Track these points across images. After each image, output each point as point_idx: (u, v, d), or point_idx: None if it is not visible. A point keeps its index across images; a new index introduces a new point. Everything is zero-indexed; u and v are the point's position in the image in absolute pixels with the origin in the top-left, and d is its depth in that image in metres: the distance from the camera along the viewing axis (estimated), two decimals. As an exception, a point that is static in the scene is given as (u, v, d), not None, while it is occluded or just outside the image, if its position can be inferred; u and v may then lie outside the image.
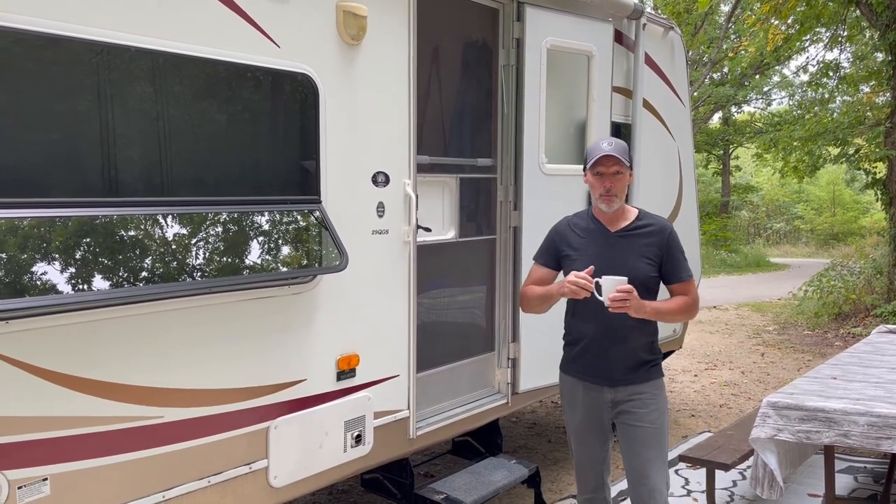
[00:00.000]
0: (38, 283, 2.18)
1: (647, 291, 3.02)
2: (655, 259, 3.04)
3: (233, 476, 2.85)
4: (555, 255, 3.18)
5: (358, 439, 3.31)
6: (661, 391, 3.11)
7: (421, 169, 3.69)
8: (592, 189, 3.09)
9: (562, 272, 3.16)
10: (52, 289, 2.20)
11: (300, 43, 2.99)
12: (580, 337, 3.11)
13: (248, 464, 2.91)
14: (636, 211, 3.15)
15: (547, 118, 4.23)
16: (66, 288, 2.23)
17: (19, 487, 2.26)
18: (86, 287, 2.28)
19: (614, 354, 3.04)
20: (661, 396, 3.10)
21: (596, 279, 2.87)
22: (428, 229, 3.81)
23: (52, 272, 2.21)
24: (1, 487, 2.21)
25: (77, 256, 2.29)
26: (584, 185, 3.21)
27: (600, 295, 2.86)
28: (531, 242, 4.14)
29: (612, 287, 2.84)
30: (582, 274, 2.87)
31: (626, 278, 2.87)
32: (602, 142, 3.05)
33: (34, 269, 2.18)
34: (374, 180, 3.36)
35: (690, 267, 3.16)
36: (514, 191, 4.19)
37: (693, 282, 3.15)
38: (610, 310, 2.86)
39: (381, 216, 3.40)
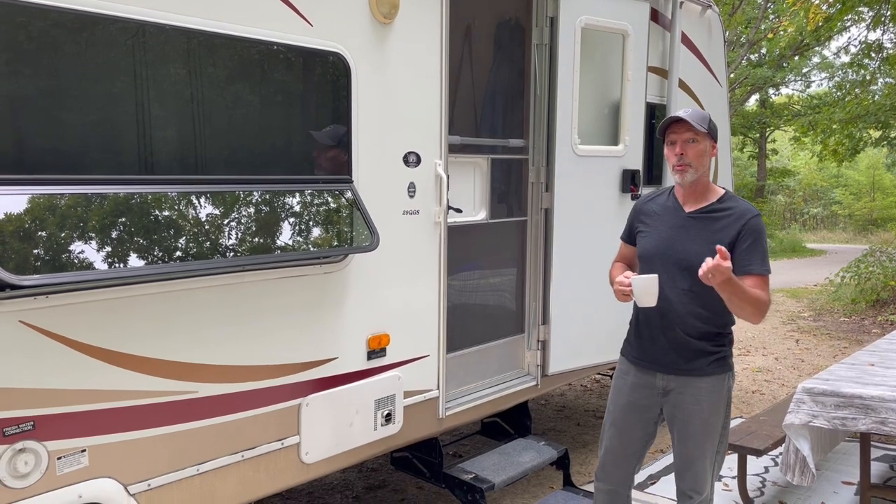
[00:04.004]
0: (76, 258, 2.21)
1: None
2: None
3: (265, 451, 2.90)
4: (632, 231, 3.07)
5: (388, 418, 3.34)
6: (721, 386, 2.82)
7: (452, 149, 3.68)
8: (668, 161, 2.87)
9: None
10: (89, 264, 2.23)
11: (333, 21, 2.98)
12: (636, 319, 3.00)
13: (281, 440, 2.94)
14: (721, 191, 2.86)
15: (580, 98, 4.17)
16: (102, 264, 2.26)
17: (58, 458, 2.32)
18: (122, 263, 2.31)
19: (665, 340, 2.86)
20: (720, 394, 2.82)
21: (631, 278, 2.74)
22: (459, 210, 3.79)
23: (89, 248, 2.25)
24: (41, 458, 2.27)
25: (113, 233, 2.32)
26: (618, 166, 3.15)
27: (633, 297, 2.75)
28: (563, 224, 4.12)
29: (642, 288, 2.70)
30: (626, 280, 2.75)
31: (656, 276, 2.69)
32: (679, 110, 2.82)
33: (72, 244, 2.22)
34: (406, 160, 3.35)
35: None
36: (546, 172, 4.15)
37: (767, 279, 2.74)
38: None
39: (412, 196, 3.40)
